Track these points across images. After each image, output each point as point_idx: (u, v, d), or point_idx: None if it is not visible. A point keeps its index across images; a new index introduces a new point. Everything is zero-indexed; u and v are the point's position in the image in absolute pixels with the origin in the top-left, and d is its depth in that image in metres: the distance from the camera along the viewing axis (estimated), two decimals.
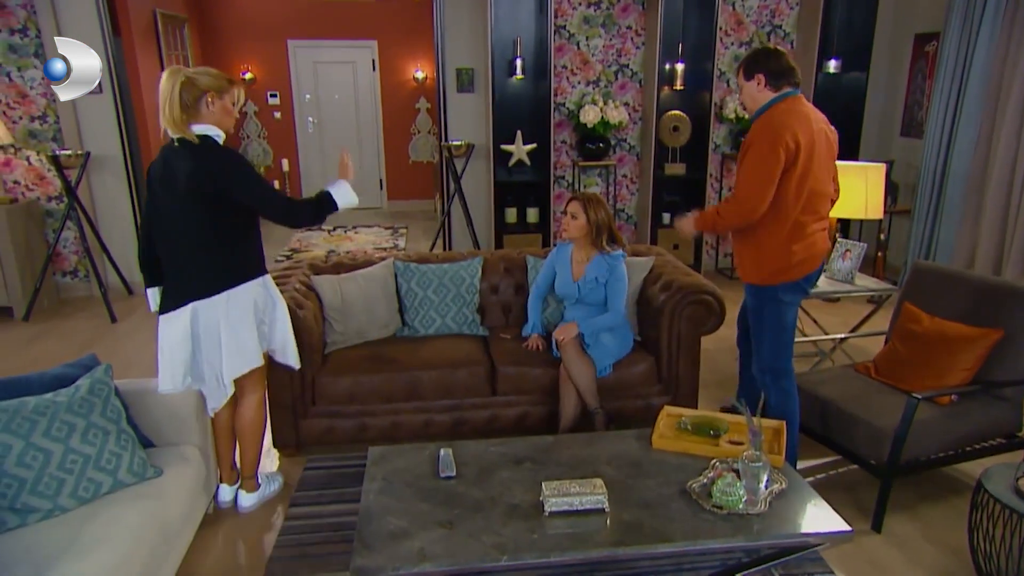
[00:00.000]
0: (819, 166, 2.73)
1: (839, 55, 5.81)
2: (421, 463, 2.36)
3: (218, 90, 2.48)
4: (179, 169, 2.44)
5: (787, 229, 2.74)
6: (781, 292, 2.84)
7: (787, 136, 2.62)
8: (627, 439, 2.54)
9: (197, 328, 2.53)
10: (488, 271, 3.76)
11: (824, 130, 2.80)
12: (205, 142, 2.46)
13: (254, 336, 2.60)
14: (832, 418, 2.92)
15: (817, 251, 2.83)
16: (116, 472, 2.20)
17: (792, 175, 2.66)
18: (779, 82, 2.73)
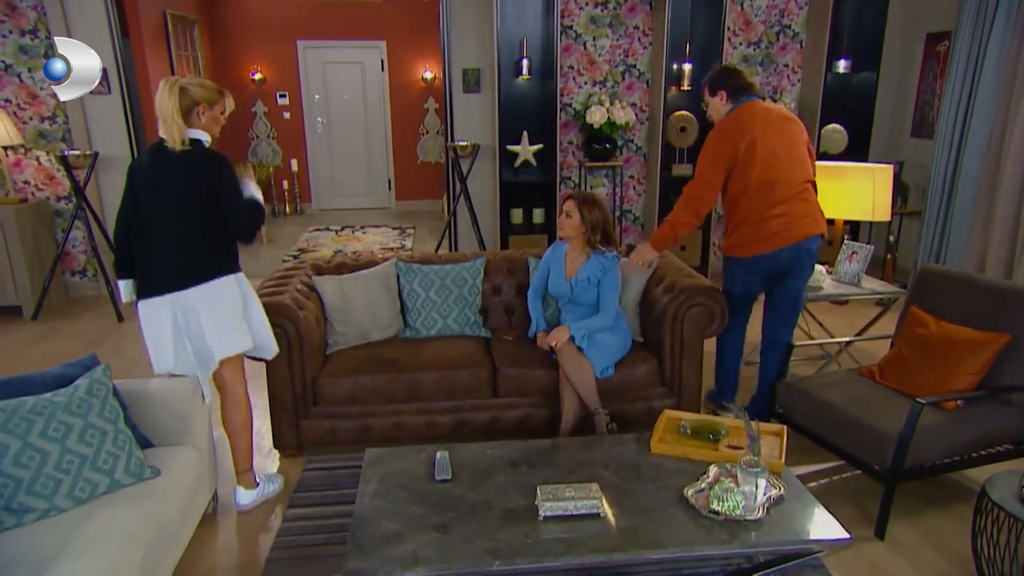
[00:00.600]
0: (770, 158, 3.09)
1: (849, 55, 5.76)
2: (417, 466, 2.35)
3: (209, 102, 2.65)
4: (170, 169, 2.60)
5: (739, 215, 3.19)
6: (735, 266, 3.35)
7: (728, 143, 3.09)
8: (626, 443, 2.52)
9: (177, 316, 2.66)
10: (490, 272, 3.75)
11: (781, 126, 3.17)
12: (196, 146, 2.62)
13: (238, 321, 2.72)
14: (835, 422, 2.88)
15: (771, 234, 3.14)
16: (113, 472, 2.21)
17: (740, 171, 3.09)
18: (738, 95, 3.19)
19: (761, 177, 3.09)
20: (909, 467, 2.67)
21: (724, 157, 3.11)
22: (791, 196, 3.14)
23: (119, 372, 4.17)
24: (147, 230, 2.66)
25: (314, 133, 9.41)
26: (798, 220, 3.14)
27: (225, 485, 2.98)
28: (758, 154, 3.06)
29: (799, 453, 3.17)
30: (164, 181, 2.60)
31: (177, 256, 2.64)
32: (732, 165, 3.10)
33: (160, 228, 2.64)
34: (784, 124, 3.20)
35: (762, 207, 3.13)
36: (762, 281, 3.34)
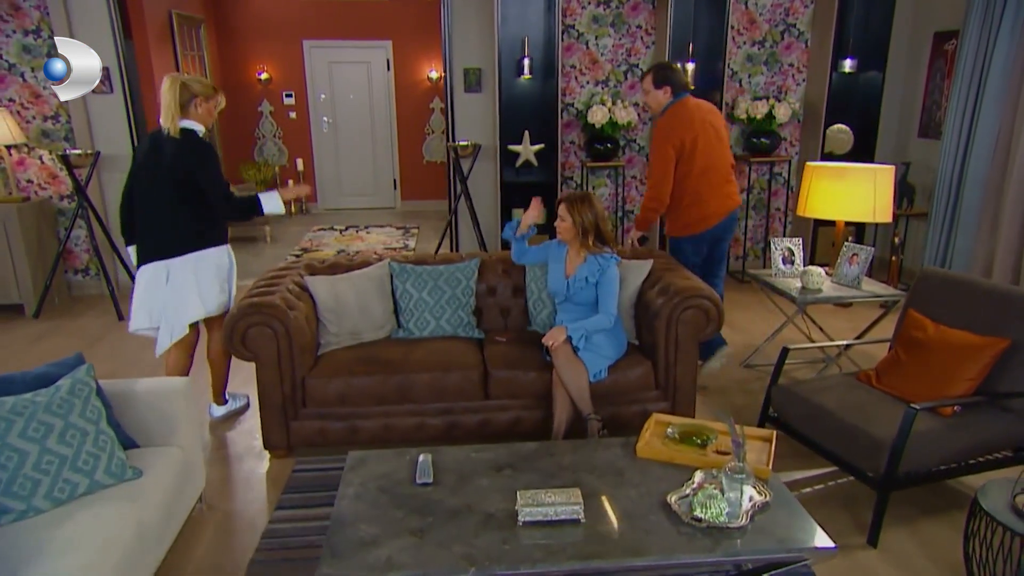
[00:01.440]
0: (707, 148, 3.71)
1: (855, 54, 5.68)
2: (400, 469, 2.33)
3: (206, 96, 3.15)
4: (164, 153, 3.08)
5: (687, 198, 3.77)
6: (685, 243, 3.90)
7: (676, 135, 3.66)
8: (612, 447, 2.49)
9: (170, 280, 3.19)
10: (485, 273, 3.73)
11: (710, 120, 3.77)
12: (188, 135, 3.09)
13: (216, 290, 3.32)
14: (829, 427, 2.83)
15: (713, 212, 3.81)
16: (93, 473, 2.20)
17: (685, 160, 3.69)
18: (678, 91, 3.74)
19: (701, 165, 3.72)
20: (903, 474, 2.62)
21: (674, 149, 3.67)
22: (721, 180, 3.82)
23: (116, 371, 4.23)
24: (144, 205, 3.17)
25: (320, 133, 9.43)
26: (727, 198, 3.85)
27: (212, 486, 2.99)
28: (699, 145, 3.68)
29: (793, 458, 3.14)
30: (159, 163, 3.09)
31: (169, 228, 3.14)
32: (680, 155, 3.69)
33: (156, 203, 3.14)
34: (712, 118, 3.80)
35: (704, 190, 3.77)
36: (704, 249, 3.97)
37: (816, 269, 3.80)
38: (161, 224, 3.15)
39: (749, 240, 6.34)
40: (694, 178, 3.71)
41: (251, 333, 3.06)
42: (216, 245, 3.27)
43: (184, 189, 3.08)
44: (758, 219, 6.30)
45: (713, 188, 3.77)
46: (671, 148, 3.66)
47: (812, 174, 3.99)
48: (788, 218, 6.28)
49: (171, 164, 3.03)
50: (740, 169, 6.11)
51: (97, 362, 4.33)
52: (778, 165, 6.14)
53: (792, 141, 6.12)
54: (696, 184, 3.73)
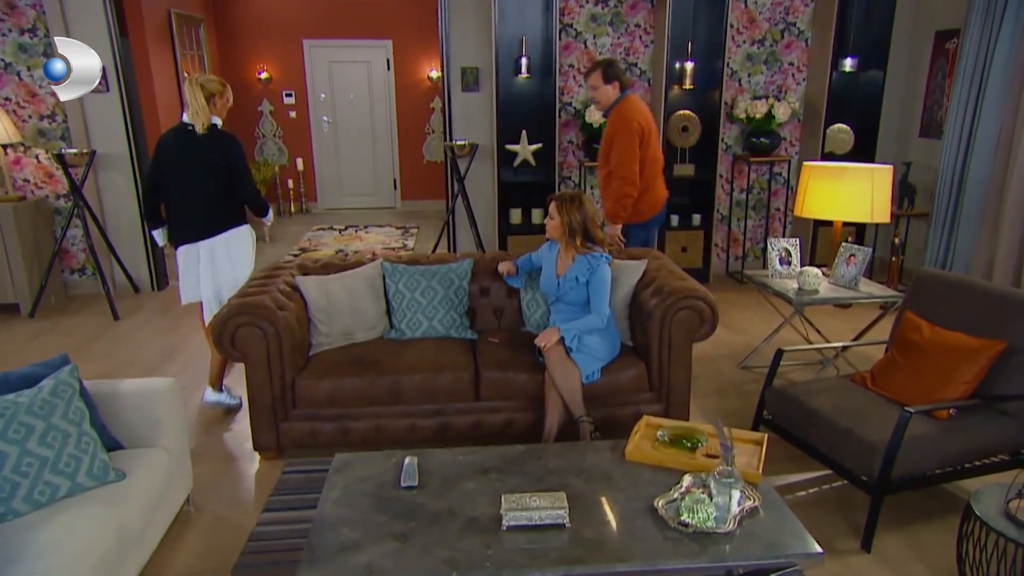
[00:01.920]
0: (651, 141, 4.00)
1: (855, 53, 5.64)
2: (385, 472, 2.30)
3: (219, 92, 3.53)
4: (195, 147, 3.47)
5: (642, 186, 3.97)
6: (637, 228, 4.13)
7: (635, 123, 3.88)
8: (601, 450, 2.46)
9: (202, 257, 3.61)
10: (478, 273, 3.70)
11: (649, 115, 4.08)
12: (213, 128, 3.48)
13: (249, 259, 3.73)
14: (822, 431, 2.79)
15: (659, 199, 4.17)
16: (75, 476, 2.18)
17: (641, 149, 3.91)
18: (625, 87, 4.00)
19: (651, 155, 4.03)
20: (897, 478, 2.58)
21: (635, 140, 3.92)
22: (660, 170, 4.18)
23: (110, 371, 4.22)
24: (179, 193, 3.55)
25: (320, 132, 9.41)
26: (663, 186, 4.25)
27: (201, 488, 2.97)
28: (650, 138, 4.00)
29: (787, 461, 3.10)
30: (191, 157, 3.48)
31: (204, 213, 3.56)
32: (639, 144, 3.92)
33: (193, 191, 3.52)
34: (650, 114, 4.13)
35: (652, 179, 4.07)
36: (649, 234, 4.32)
37: (812, 270, 3.76)
38: (202, 208, 3.56)
39: (749, 240, 6.29)
40: (647, 167, 3.99)
41: (240, 333, 3.04)
42: (241, 224, 3.70)
43: (221, 176, 3.51)
44: (758, 219, 6.26)
45: (656, 177, 4.13)
46: (635, 136, 3.89)
47: (809, 174, 3.95)
48: (788, 219, 6.24)
49: (213, 156, 3.48)
50: (739, 169, 6.08)
51: (91, 362, 4.38)
52: (778, 165, 6.10)
53: (792, 141, 6.08)
54: (648, 173, 4.01)
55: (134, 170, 5.58)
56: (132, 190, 5.61)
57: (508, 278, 3.61)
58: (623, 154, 3.85)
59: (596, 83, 3.93)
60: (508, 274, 3.59)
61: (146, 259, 5.78)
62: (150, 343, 4.70)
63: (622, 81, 3.95)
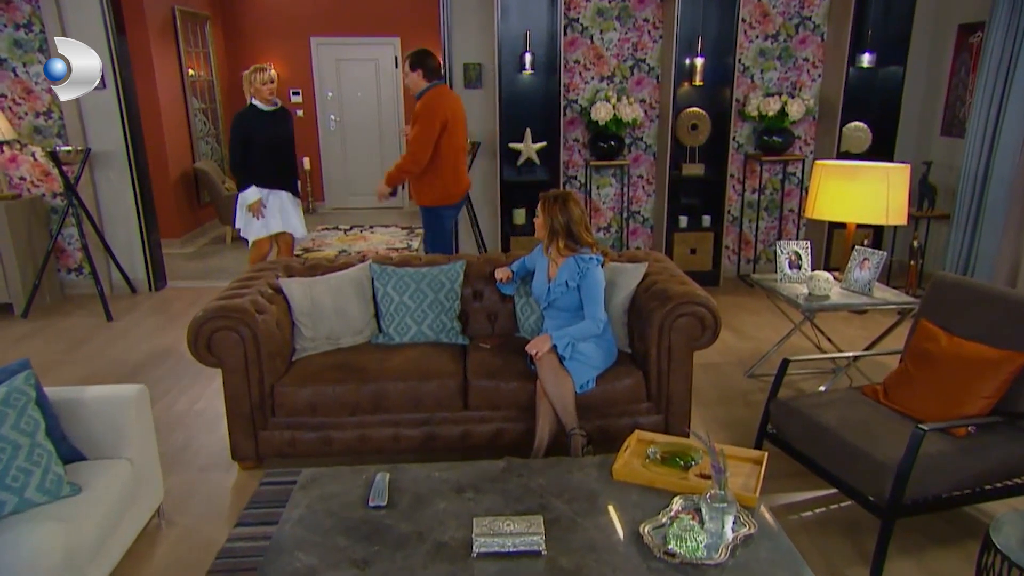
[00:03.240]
0: (457, 131, 4.36)
1: (874, 48, 5.42)
2: (354, 489, 2.15)
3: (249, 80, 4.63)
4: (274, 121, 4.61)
5: (446, 171, 4.35)
6: (442, 210, 4.52)
7: (440, 113, 4.20)
8: (587, 468, 2.29)
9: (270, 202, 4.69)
10: (471, 276, 3.54)
11: (458, 108, 4.41)
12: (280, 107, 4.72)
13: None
14: (829, 447, 2.60)
15: (461, 186, 4.55)
16: (23, 491, 2.05)
17: (445, 137, 4.24)
18: (431, 76, 4.29)
19: (457, 144, 4.38)
20: (910, 500, 2.39)
21: (436, 125, 4.19)
22: (463, 159, 4.57)
23: (95, 373, 4.12)
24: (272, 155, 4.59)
25: (327, 131, 9.31)
26: (465, 175, 4.61)
27: (174, 499, 2.84)
28: (456, 127, 4.31)
29: (792, 478, 2.92)
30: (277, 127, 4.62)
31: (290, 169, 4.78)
32: (443, 131, 4.22)
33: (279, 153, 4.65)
34: (458, 106, 4.44)
35: (456, 166, 4.42)
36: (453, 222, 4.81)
37: (823, 274, 3.56)
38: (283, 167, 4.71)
39: (761, 243, 6.08)
40: (454, 153, 4.38)
41: (216, 338, 2.91)
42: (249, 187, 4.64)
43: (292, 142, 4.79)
44: (770, 221, 6.04)
45: (459, 166, 4.49)
46: (438, 123, 4.19)
47: (821, 173, 3.75)
48: (802, 220, 6.01)
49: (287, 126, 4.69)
50: (751, 168, 5.87)
51: (77, 364, 4.29)
52: (791, 164, 5.88)
53: (806, 139, 5.86)
54: (454, 159, 4.40)
55: (131, 168, 5.49)
56: (129, 189, 5.53)
57: (501, 285, 3.45)
58: (420, 136, 4.22)
59: (406, 71, 4.34)
60: (504, 281, 3.43)
61: (143, 259, 5.69)
62: (141, 344, 4.60)
63: (426, 69, 4.26)
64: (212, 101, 8.42)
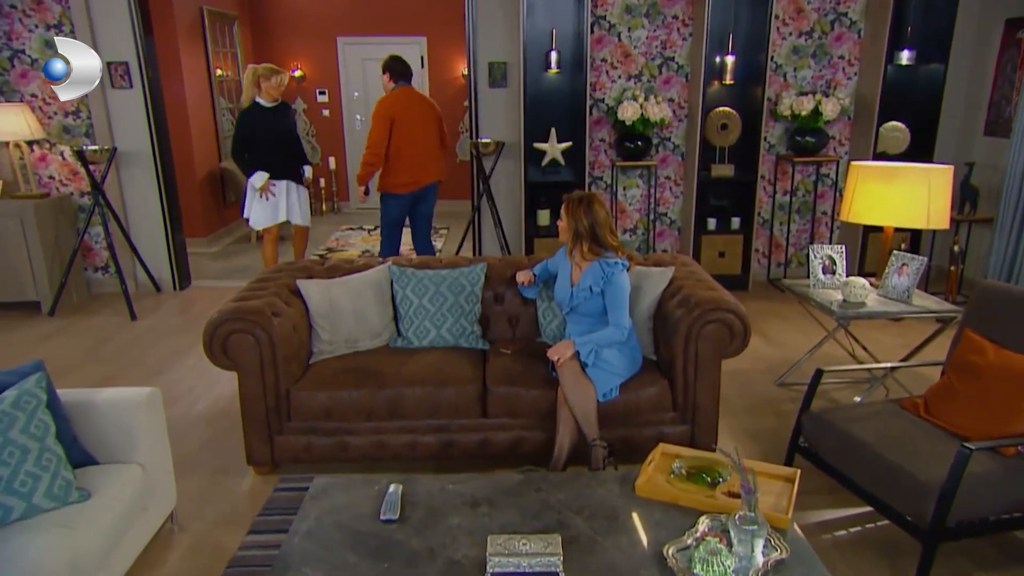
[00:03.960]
0: (412, 126, 4.81)
1: (914, 45, 5.21)
2: (365, 500, 2.08)
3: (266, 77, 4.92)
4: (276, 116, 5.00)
5: (396, 163, 4.83)
6: (387, 198, 4.97)
7: (388, 112, 4.74)
8: (608, 482, 2.19)
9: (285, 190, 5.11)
10: (492, 279, 3.46)
11: (420, 109, 4.91)
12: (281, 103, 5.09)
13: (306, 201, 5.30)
14: (866, 464, 2.47)
15: (413, 180, 4.93)
16: (30, 496, 2.01)
17: (395, 132, 4.75)
18: (396, 78, 4.84)
19: (405, 138, 4.78)
20: (955, 523, 2.24)
21: (384, 123, 4.74)
22: (423, 154, 4.92)
23: (115, 374, 4.13)
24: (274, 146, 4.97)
25: (352, 131, 9.30)
26: (426, 171, 4.97)
27: (188, 504, 2.80)
28: (402, 124, 4.76)
29: (825, 494, 2.79)
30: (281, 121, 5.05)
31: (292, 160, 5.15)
32: (390, 128, 4.72)
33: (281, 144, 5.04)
34: (421, 107, 4.92)
35: (409, 159, 4.84)
36: (407, 209, 5.03)
37: (859, 280, 3.41)
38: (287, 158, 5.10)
39: (792, 246, 5.90)
40: (407, 146, 4.80)
41: (232, 340, 2.86)
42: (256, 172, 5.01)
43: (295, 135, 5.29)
44: (802, 224, 5.86)
45: (413, 160, 4.86)
46: (386, 121, 4.72)
47: (858, 175, 3.59)
48: (835, 223, 5.83)
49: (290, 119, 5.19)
50: (783, 169, 5.71)
51: (99, 363, 4.29)
52: (825, 166, 5.70)
53: (841, 140, 5.67)
54: (408, 152, 4.81)
55: (156, 167, 5.51)
56: (155, 188, 5.55)
57: (523, 289, 3.36)
58: (371, 134, 4.78)
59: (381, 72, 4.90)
60: (526, 284, 3.34)
61: (168, 258, 5.71)
62: (163, 344, 4.60)
63: (392, 72, 4.83)
64: (239, 101, 8.44)
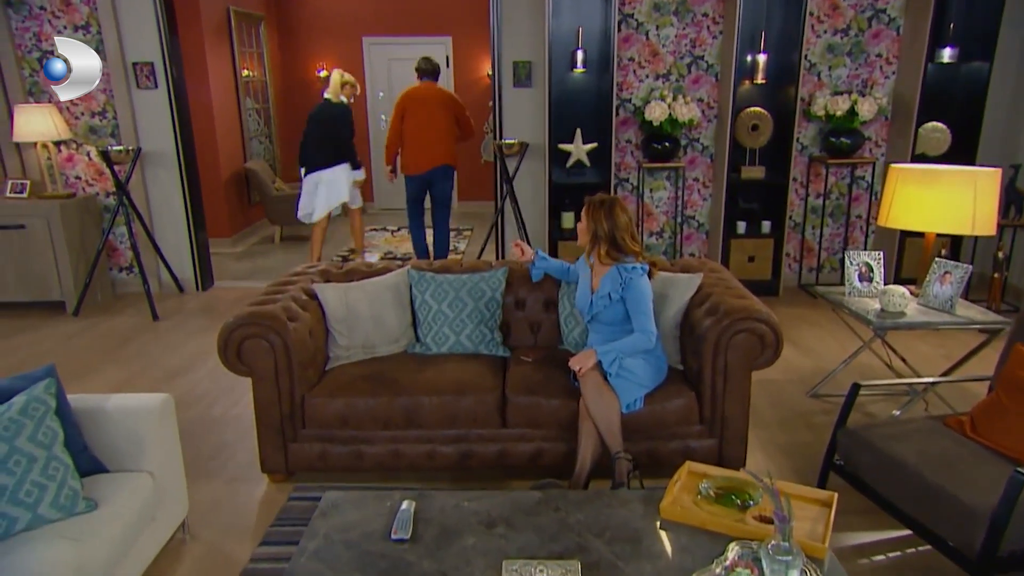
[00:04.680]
0: (419, 115, 5.58)
1: (956, 42, 5.00)
2: (376, 517, 2.00)
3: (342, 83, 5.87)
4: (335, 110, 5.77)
5: (407, 147, 5.66)
6: (406, 179, 5.80)
7: (400, 104, 5.63)
8: (632, 502, 2.08)
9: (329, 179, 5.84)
10: (514, 283, 3.37)
11: (431, 102, 5.61)
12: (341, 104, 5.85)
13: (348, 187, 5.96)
14: (908, 486, 2.32)
15: (420, 162, 5.66)
16: (36, 506, 1.97)
17: (406, 121, 5.60)
18: (420, 76, 5.65)
19: (414, 125, 5.60)
20: (1007, 553, 2.09)
21: (396, 113, 5.66)
22: (431, 141, 5.63)
23: (139, 373, 4.12)
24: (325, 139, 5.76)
25: (378, 130, 9.26)
26: (433, 155, 5.66)
27: (200, 512, 2.75)
28: (409, 113, 5.61)
29: (862, 515, 2.64)
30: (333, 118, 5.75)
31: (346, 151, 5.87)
32: (402, 117, 5.62)
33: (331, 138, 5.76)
34: (433, 100, 5.63)
35: (417, 144, 5.64)
36: (421, 188, 5.81)
37: (898, 289, 3.25)
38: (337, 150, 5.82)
39: (825, 251, 5.71)
40: (415, 133, 5.60)
41: (246, 346, 2.80)
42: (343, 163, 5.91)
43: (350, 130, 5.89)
44: (835, 228, 5.67)
45: (424, 144, 5.63)
46: (398, 111, 5.66)
47: (897, 177, 3.43)
48: (870, 227, 5.63)
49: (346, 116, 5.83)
50: (816, 172, 5.52)
51: (118, 365, 4.29)
52: (860, 168, 5.50)
53: (877, 141, 5.47)
54: (416, 138, 5.62)
55: (181, 168, 5.51)
56: (178, 188, 5.55)
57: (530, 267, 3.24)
58: (390, 122, 5.78)
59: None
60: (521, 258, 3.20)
61: (191, 258, 5.71)
62: (184, 345, 4.58)
63: (419, 71, 5.68)
64: (265, 101, 8.48)
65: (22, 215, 5.01)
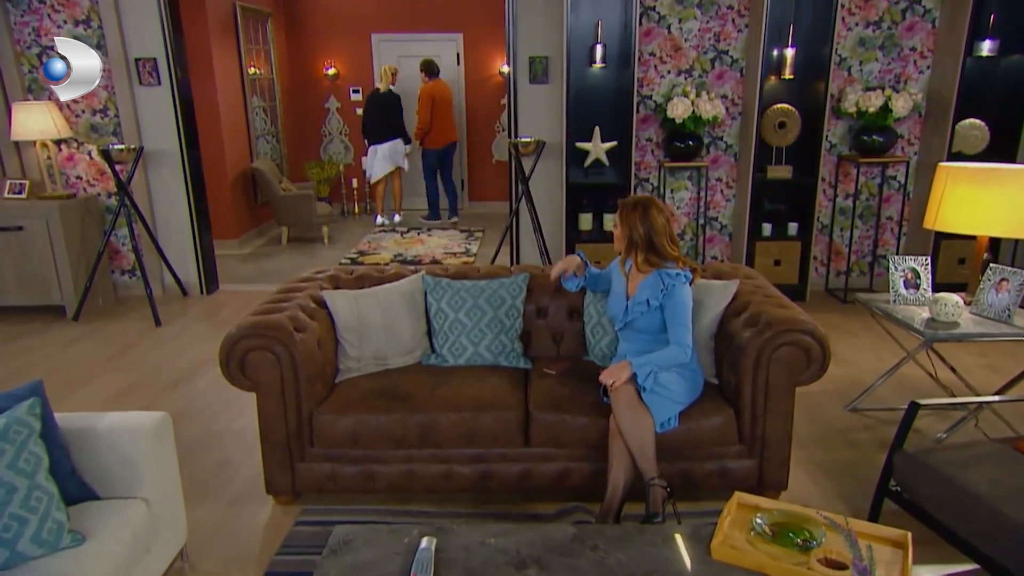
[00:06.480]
0: (440, 106, 7.94)
1: (996, 34, 4.76)
2: (392, 557, 1.79)
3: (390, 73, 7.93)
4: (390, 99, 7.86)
5: (433, 128, 7.98)
6: (425, 151, 8.17)
7: (430, 95, 7.85)
8: (677, 540, 1.86)
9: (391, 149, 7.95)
10: (535, 291, 3.16)
11: (443, 93, 7.99)
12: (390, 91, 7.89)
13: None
14: (978, 519, 2.10)
15: (438, 138, 8.04)
16: (15, 543, 1.77)
17: (434, 108, 7.88)
18: (430, 75, 7.88)
19: (437, 113, 7.89)
20: None
21: (428, 101, 7.80)
22: (447, 124, 8.09)
23: (139, 382, 3.92)
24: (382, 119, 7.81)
25: None
26: (449, 134, 8.15)
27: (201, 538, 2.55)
28: (438, 102, 7.85)
29: (921, 545, 2.38)
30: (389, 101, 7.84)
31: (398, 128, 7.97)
32: (431, 105, 7.80)
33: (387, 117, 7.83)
34: (446, 93, 7.99)
35: (439, 126, 7.97)
36: (437, 159, 8.17)
37: (952, 297, 3.02)
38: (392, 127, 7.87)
39: (854, 254, 5.48)
40: (440, 117, 7.91)
41: (250, 358, 2.60)
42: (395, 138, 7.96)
43: None
44: (865, 229, 5.44)
45: (444, 126, 8.01)
46: (428, 100, 7.77)
47: (947, 177, 3.20)
48: (903, 229, 5.39)
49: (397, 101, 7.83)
50: (845, 171, 5.29)
51: (117, 373, 4.09)
52: (892, 167, 5.27)
53: (910, 139, 5.24)
54: (439, 121, 7.92)
55: (185, 167, 5.33)
56: (182, 188, 5.36)
57: (564, 281, 2.96)
58: (421, 109, 7.84)
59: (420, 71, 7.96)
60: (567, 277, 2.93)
61: (195, 261, 5.52)
62: (186, 352, 4.39)
63: (427, 72, 7.87)
64: (273, 99, 8.29)
65: (21, 216, 4.83)
